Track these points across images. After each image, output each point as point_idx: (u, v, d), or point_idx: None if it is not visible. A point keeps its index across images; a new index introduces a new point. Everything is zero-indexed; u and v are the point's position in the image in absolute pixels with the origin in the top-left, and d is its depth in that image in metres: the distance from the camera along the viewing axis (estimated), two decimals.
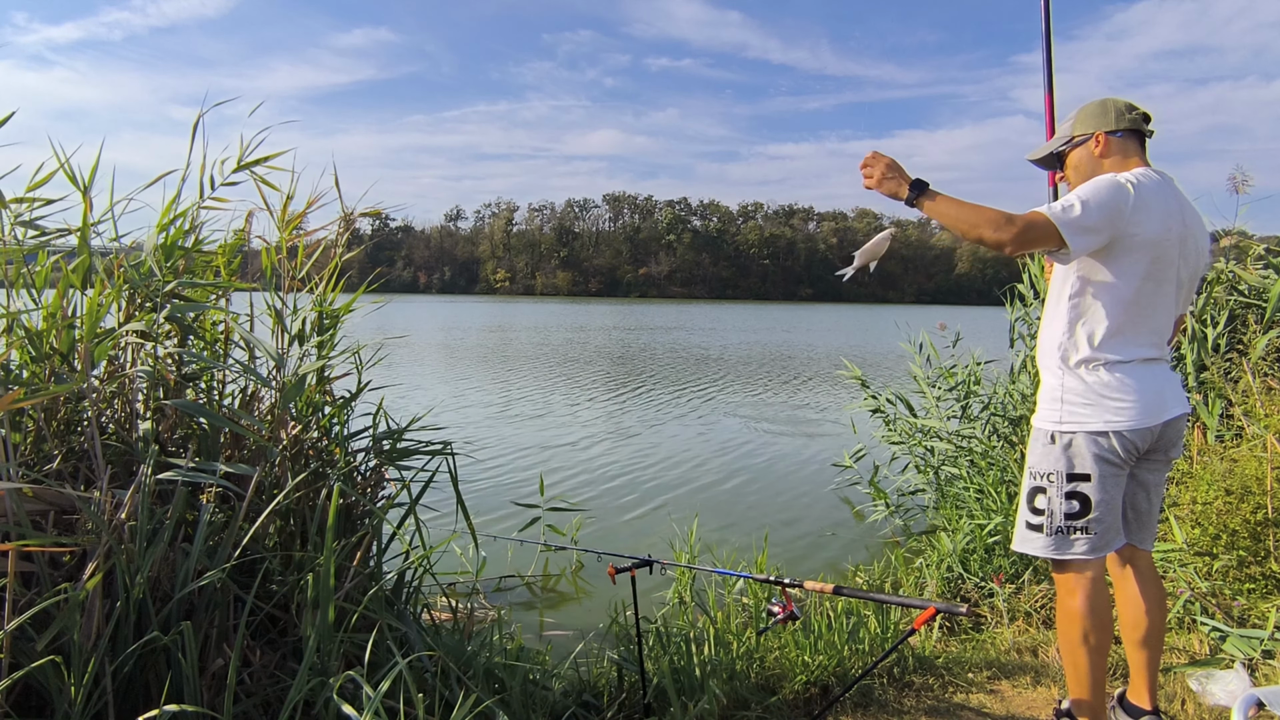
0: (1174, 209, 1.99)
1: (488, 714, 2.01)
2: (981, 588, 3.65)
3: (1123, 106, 2.12)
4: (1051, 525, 2.05)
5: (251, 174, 2.49)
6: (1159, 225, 1.95)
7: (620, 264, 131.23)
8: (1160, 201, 1.97)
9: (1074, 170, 2.18)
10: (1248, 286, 4.62)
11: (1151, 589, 2.18)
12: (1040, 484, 2.07)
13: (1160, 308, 2.02)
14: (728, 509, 6.26)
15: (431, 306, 57.51)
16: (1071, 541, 2.03)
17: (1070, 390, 2.03)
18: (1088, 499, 2.01)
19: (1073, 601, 2.06)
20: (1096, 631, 2.03)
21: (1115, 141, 2.10)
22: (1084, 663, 2.05)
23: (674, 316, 49.92)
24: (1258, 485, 3.09)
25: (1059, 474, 2.03)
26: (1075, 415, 2.01)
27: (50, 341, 2.09)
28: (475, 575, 3.86)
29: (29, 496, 1.77)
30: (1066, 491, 2.02)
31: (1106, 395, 1.98)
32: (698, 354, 21.79)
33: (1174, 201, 2.01)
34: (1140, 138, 2.12)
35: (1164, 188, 2.01)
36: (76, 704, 1.60)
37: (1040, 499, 2.07)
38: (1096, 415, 1.98)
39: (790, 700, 2.57)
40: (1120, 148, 2.10)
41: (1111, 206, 1.91)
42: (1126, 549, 2.18)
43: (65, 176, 2.20)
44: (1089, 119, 2.14)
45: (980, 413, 5.08)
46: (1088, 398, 2.00)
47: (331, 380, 2.61)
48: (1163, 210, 1.97)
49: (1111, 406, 1.97)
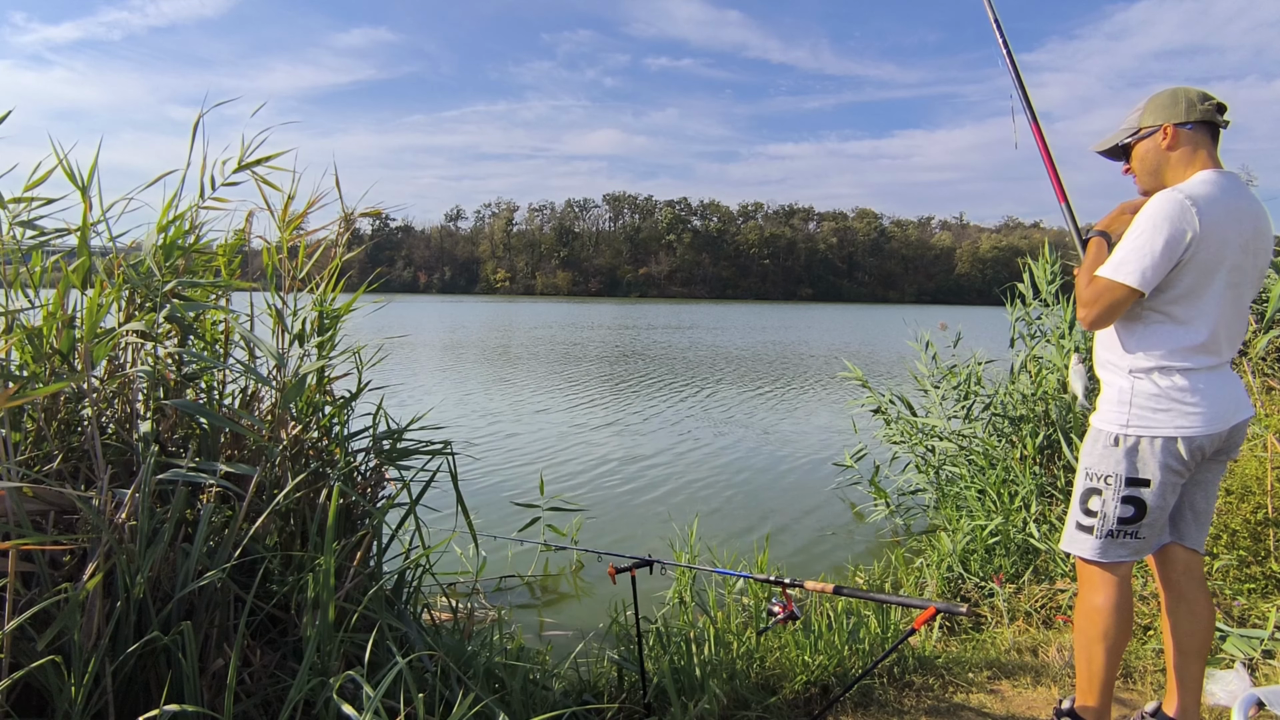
0: (1243, 214, 1.93)
1: (488, 713, 2.01)
2: (981, 588, 3.65)
3: (1195, 97, 2.01)
4: (1103, 528, 2.01)
5: (252, 174, 2.48)
6: (1227, 236, 1.90)
7: (620, 264, 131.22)
8: (1227, 212, 1.91)
9: (1140, 163, 2.09)
10: None
11: (1202, 594, 2.13)
12: (1096, 485, 2.03)
13: (1230, 313, 1.97)
14: (728, 509, 6.26)
15: (431, 306, 57.52)
16: (1120, 545, 2.01)
17: (1141, 394, 1.97)
18: (1144, 505, 1.97)
19: (1096, 598, 2.04)
20: (1116, 630, 2.02)
21: (1185, 134, 2.00)
22: (1099, 661, 2.04)
23: (674, 316, 49.93)
24: (1258, 485, 3.09)
25: (1118, 477, 1.99)
26: (1144, 419, 1.96)
27: (50, 341, 2.09)
28: (475, 575, 3.86)
29: (29, 496, 1.76)
30: (1124, 496, 1.98)
31: (1179, 401, 1.93)
32: (698, 353, 21.79)
33: (1242, 205, 1.94)
34: (1213, 130, 2.02)
35: (1230, 194, 1.93)
36: (76, 704, 1.60)
37: (1095, 500, 2.03)
38: (1168, 420, 1.94)
39: (790, 700, 2.57)
40: (1190, 141, 2.00)
41: (1176, 242, 1.87)
42: (1181, 554, 2.12)
43: (64, 175, 2.20)
44: (1158, 110, 2.04)
45: (981, 413, 5.08)
46: (1159, 403, 1.95)
47: (331, 380, 2.61)
48: (1230, 220, 1.91)
49: (1183, 412, 1.93)
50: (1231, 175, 1.97)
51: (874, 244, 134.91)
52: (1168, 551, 2.15)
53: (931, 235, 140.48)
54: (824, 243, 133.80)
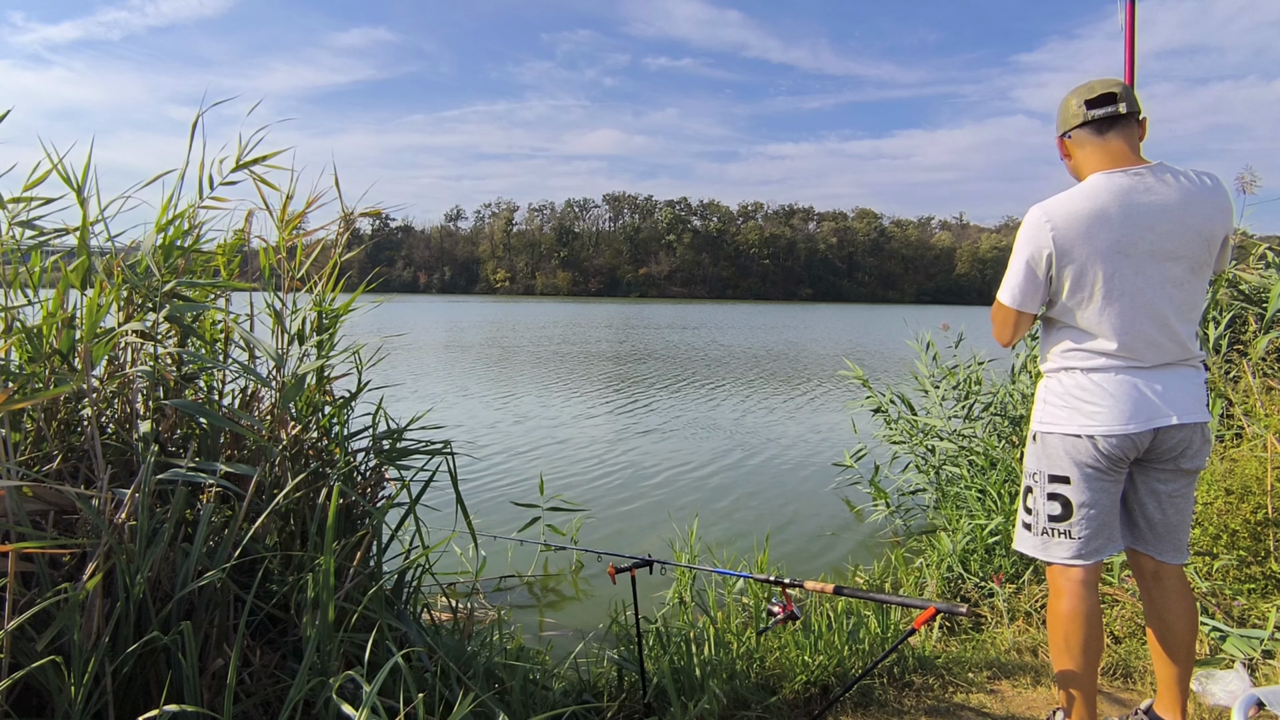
0: (1136, 211, 1.87)
1: (487, 713, 2.01)
2: (981, 588, 3.65)
3: (1074, 100, 2.00)
4: (1038, 525, 2.06)
5: (250, 173, 2.48)
6: (1094, 245, 1.88)
7: (620, 264, 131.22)
8: (1090, 221, 1.88)
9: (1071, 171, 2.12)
10: (1249, 286, 4.63)
11: (1175, 602, 2.09)
12: (1030, 483, 2.09)
13: (1138, 315, 1.90)
14: (728, 509, 6.26)
15: (431, 306, 57.51)
16: (1056, 544, 2.03)
17: (1051, 392, 2.05)
18: (1069, 501, 2.00)
19: (1057, 604, 2.05)
20: (1078, 636, 2.00)
21: (1069, 143, 2.03)
22: (1067, 666, 2.03)
23: (676, 316, 49.92)
24: (1258, 485, 3.09)
25: (1042, 474, 2.05)
26: (1053, 416, 2.02)
27: (50, 341, 2.09)
28: (475, 575, 3.86)
29: (29, 496, 1.76)
30: (1049, 493, 2.03)
31: (1082, 400, 1.96)
32: (698, 353, 21.79)
33: (1134, 200, 1.88)
34: (1104, 124, 1.95)
35: (1101, 198, 1.89)
36: (76, 704, 1.60)
37: (1030, 499, 2.09)
38: (1069, 418, 1.98)
39: (790, 700, 2.57)
40: (1078, 145, 2.01)
41: (1035, 261, 1.96)
42: (1150, 562, 2.10)
43: (59, 176, 2.19)
44: (1058, 125, 2.08)
45: (982, 413, 5.08)
46: (1065, 400, 2.00)
47: (331, 380, 2.61)
48: (1094, 228, 1.88)
49: (1086, 410, 1.95)
50: (1123, 173, 1.90)
51: (874, 244, 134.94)
52: (1134, 557, 2.14)
53: (931, 235, 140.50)
54: (824, 243, 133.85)
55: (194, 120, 2.35)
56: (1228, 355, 4.18)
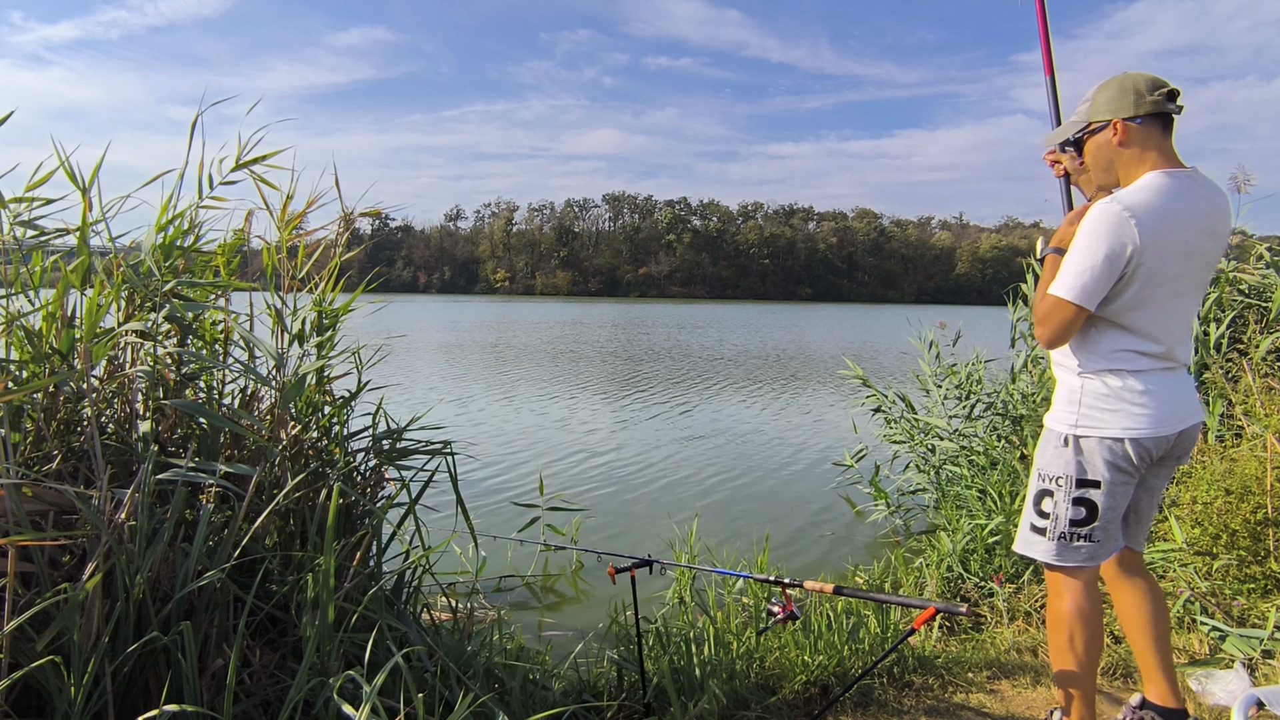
0: (1186, 218, 1.88)
1: (487, 713, 2.01)
2: (981, 587, 3.65)
3: (1144, 86, 1.92)
4: (1055, 530, 2.00)
5: (250, 173, 2.48)
6: (1168, 245, 1.86)
7: (620, 264, 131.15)
8: (1166, 220, 1.85)
9: (1092, 159, 2.04)
10: (1248, 286, 4.63)
11: (1148, 585, 2.15)
12: (1048, 487, 2.01)
13: (1178, 314, 1.94)
14: (728, 508, 6.26)
15: (431, 306, 57.51)
16: (1074, 549, 1.99)
17: (1090, 394, 1.96)
18: (1095, 506, 1.96)
19: (1061, 604, 2.04)
20: (1083, 635, 2.00)
21: (1135, 129, 1.93)
22: (1071, 667, 2.03)
23: (674, 316, 49.93)
24: (1258, 485, 3.09)
25: (1069, 478, 1.97)
26: (1093, 419, 1.95)
27: (50, 341, 2.09)
28: (475, 575, 3.86)
29: (29, 496, 1.76)
30: (1075, 497, 1.97)
31: (1128, 401, 1.92)
32: (697, 353, 21.79)
33: (1185, 207, 1.88)
34: (1165, 120, 1.94)
35: (1174, 198, 1.87)
36: (76, 704, 1.60)
37: (1047, 502, 2.01)
38: (1115, 421, 1.92)
39: (790, 700, 2.57)
40: (1140, 136, 1.93)
41: (1116, 257, 1.83)
42: (1127, 553, 2.14)
43: (66, 176, 2.20)
44: (1108, 103, 1.96)
45: (983, 412, 5.08)
46: (1108, 403, 1.93)
47: (331, 380, 2.61)
48: (1171, 228, 1.86)
49: (1131, 413, 1.91)
50: (1181, 175, 1.91)
51: (874, 244, 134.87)
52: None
53: (931, 235, 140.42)
54: (824, 242, 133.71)
55: (193, 120, 2.35)
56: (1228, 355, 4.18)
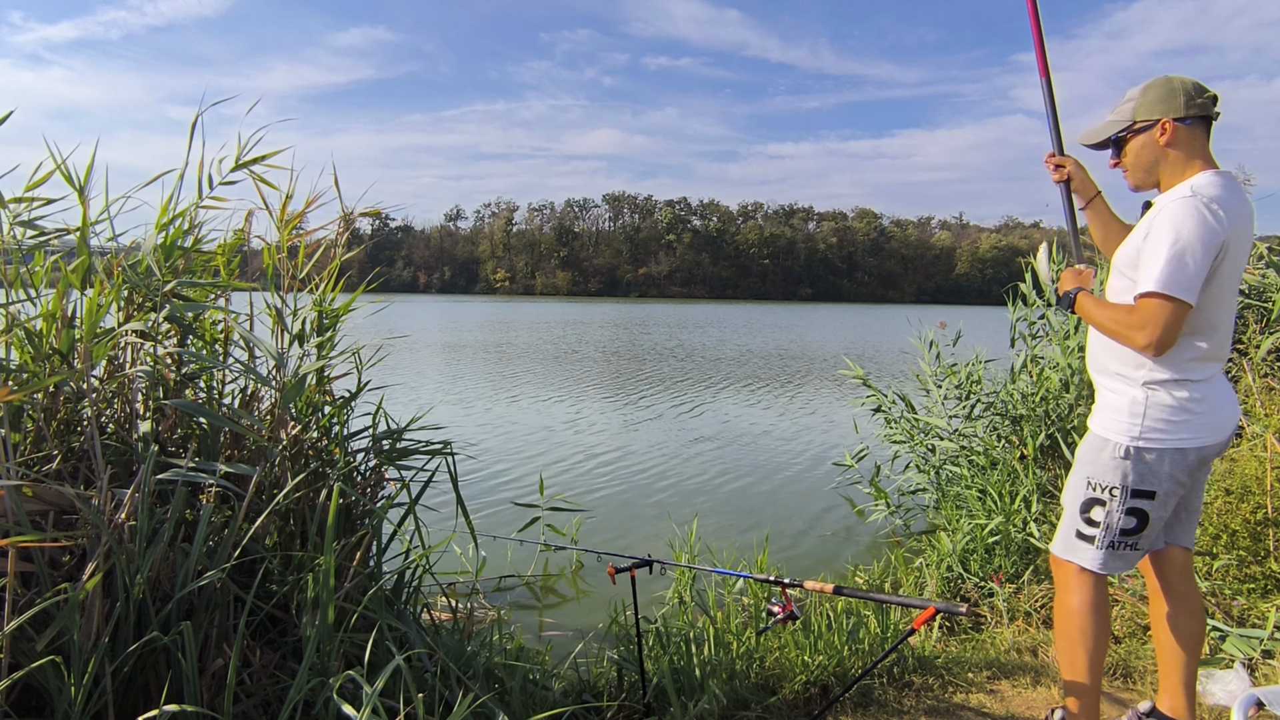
0: (1248, 216, 1.90)
1: (487, 713, 2.01)
2: (981, 588, 3.65)
3: (1191, 89, 1.91)
4: (1105, 539, 1.98)
5: (250, 173, 2.48)
6: (1242, 241, 1.87)
7: (620, 264, 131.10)
8: (1238, 215, 1.86)
9: (1134, 158, 2.00)
10: (1248, 286, 4.63)
11: (1198, 601, 2.12)
12: (1099, 496, 1.97)
13: (1233, 311, 1.96)
14: (728, 508, 6.26)
15: (432, 306, 57.51)
16: (1120, 556, 1.98)
17: (1156, 405, 1.91)
18: (1147, 516, 1.94)
19: (1073, 599, 2.03)
20: (1092, 629, 2.01)
21: (1183, 130, 1.91)
22: (1081, 660, 2.02)
23: (675, 316, 49.92)
24: (1258, 485, 3.09)
25: (1125, 489, 1.94)
26: (1160, 431, 1.91)
27: (50, 341, 2.09)
28: (475, 575, 3.86)
29: (29, 496, 1.76)
30: (1129, 508, 1.94)
31: (1194, 413, 1.89)
32: (699, 353, 21.78)
33: (1246, 205, 1.90)
34: (1207, 123, 1.94)
35: (1235, 198, 1.88)
36: (76, 704, 1.60)
37: (1097, 511, 1.98)
38: (1182, 432, 1.90)
39: (790, 700, 2.57)
40: (1188, 137, 1.92)
41: (1214, 249, 1.80)
42: (1179, 555, 2.11)
43: (61, 177, 2.19)
44: (1155, 102, 1.93)
45: (983, 412, 5.08)
46: (1176, 415, 1.90)
47: (331, 380, 2.61)
48: (1241, 223, 1.86)
49: (1195, 424, 1.90)
50: (1229, 175, 1.93)
51: (874, 244, 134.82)
52: (1167, 554, 2.13)
53: (931, 235, 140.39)
54: (824, 242, 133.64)
55: (193, 120, 2.35)
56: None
